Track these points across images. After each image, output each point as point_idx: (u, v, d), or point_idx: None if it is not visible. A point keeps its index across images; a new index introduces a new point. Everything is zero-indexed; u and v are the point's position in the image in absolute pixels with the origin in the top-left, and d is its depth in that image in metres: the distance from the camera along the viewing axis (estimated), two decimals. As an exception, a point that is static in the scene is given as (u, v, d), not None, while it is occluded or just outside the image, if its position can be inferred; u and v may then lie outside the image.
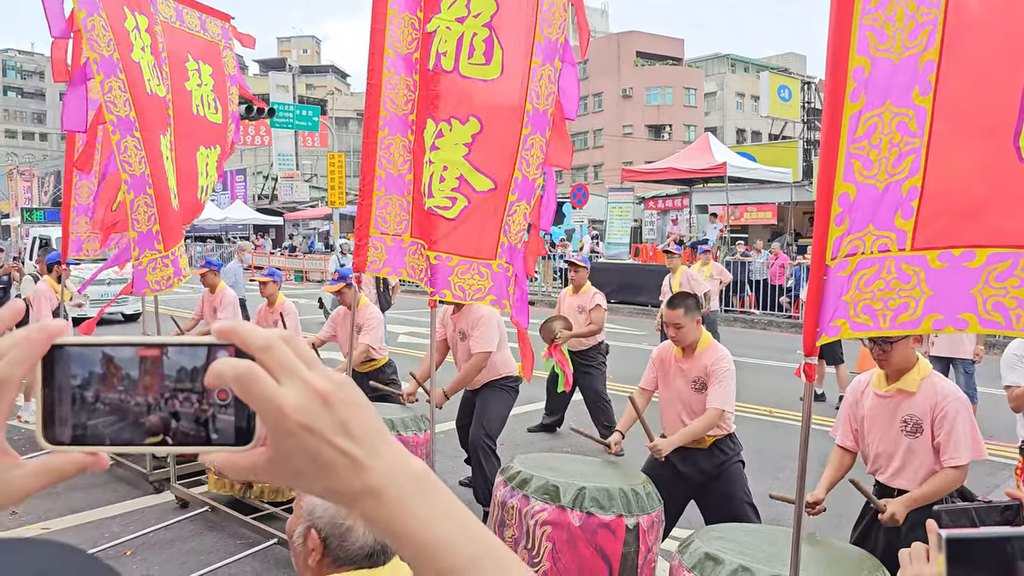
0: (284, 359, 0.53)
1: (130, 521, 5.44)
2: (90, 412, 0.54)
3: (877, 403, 3.55)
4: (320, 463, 0.54)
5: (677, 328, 4.35)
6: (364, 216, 4.25)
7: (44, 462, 0.55)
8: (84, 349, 0.54)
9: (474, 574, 0.56)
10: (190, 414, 0.55)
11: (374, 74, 4.09)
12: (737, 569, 2.84)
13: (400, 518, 0.55)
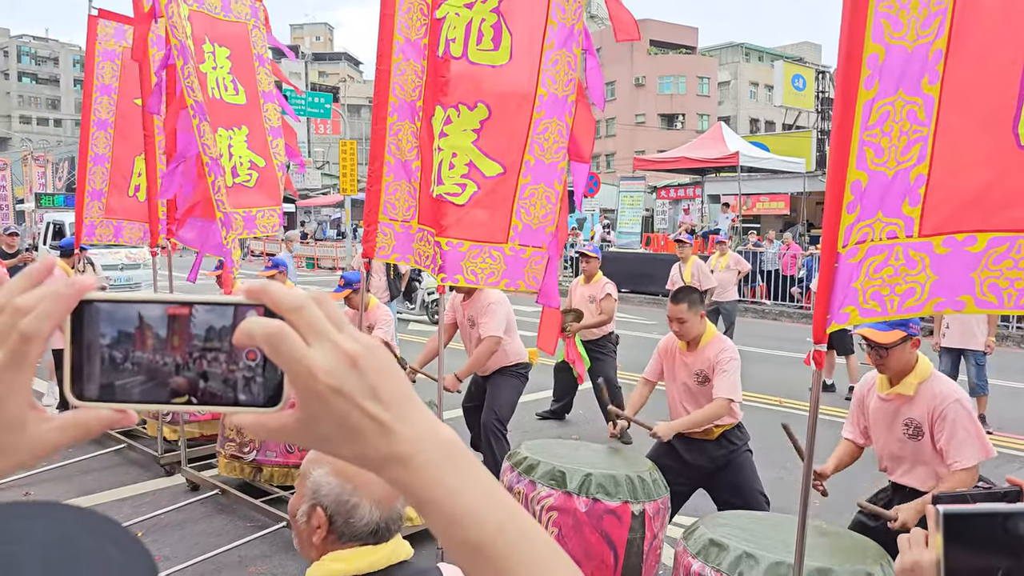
0: (314, 321, 0.52)
1: (142, 503, 5.50)
2: (117, 369, 0.54)
3: (880, 405, 3.58)
4: (348, 427, 0.53)
5: (680, 323, 4.36)
6: (373, 202, 4.27)
7: (72, 416, 0.55)
8: (113, 306, 0.54)
9: (501, 545, 0.55)
10: (217, 374, 0.54)
11: (383, 60, 4.09)
12: (741, 555, 2.85)
13: (428, 485, 0.55)
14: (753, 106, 55.06)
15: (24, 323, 0.51)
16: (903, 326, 3.40)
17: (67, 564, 0.43)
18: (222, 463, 5.60)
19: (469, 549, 0.55)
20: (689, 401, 4.42)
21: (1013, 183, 2.41)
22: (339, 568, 1.52)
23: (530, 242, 4.12)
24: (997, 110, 2.39)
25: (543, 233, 4.10)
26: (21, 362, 0.52)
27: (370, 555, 1.54)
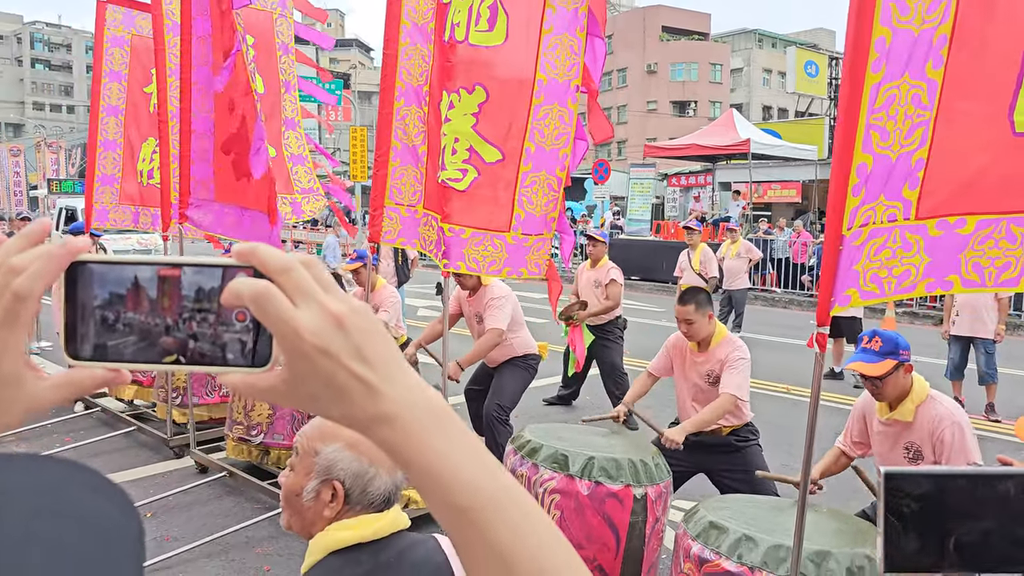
0: (302, 282, 0.53)
1: (151, 485, 5.56)
2: (110, 330, 0.55)
3: (881, 429, 3.61)
4: (335, 387, 0.54)
5: (688, 324, 4.34)
6: (379, 186, 4.28)
7: (66, 375, 0.56)
8: (106, 267, 0.55)
9: (484, 506, 0.56)
10: (207, 335, 0.55)
11: (390, 44, 4.09)
12: (741, 538, 2.87)
13: (414, 446, 0.55)
14: (766, 93, 54.68)
15: (17, 282, 0.52)
16: (893, 355, 3.43)
17: (53, 512, 0.43)
18: (230, 446, 5.65)
19: (453, 510, 0.56)
20: (699, 401, 4.41)
21: (1006, 168, 2.46)
22: (346, 536, 1.56)
23: (532, 231, 4.11)
24: (995, 96, 2.43)
25: (545, 221, 4.10)
26: (14, 320, 0.53)
27: (375, 523, 1.57)
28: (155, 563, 4.33)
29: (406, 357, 3.74)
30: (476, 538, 0.56)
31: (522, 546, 0.56)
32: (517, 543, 0.56)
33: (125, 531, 0.45)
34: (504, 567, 0.56)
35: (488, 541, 0.56)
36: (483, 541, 0.56)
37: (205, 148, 5.00)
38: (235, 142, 4.70)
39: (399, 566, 1.54)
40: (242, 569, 4.36)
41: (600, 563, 3.62)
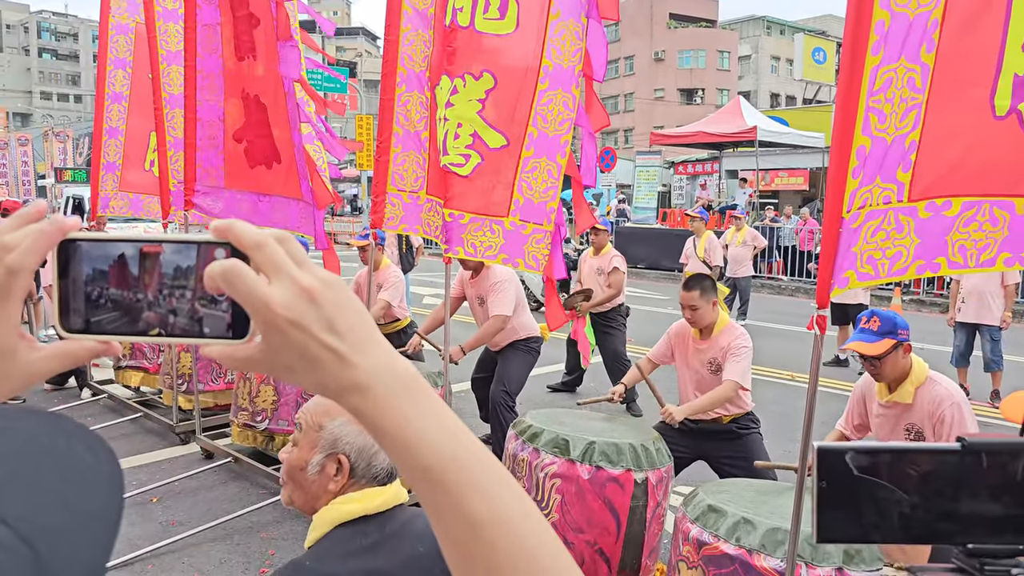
0: (275, 257, 0.56)
1: (157, 470, 5.61)
2: (98, 304, 0.58)
3: (881, 412, 3.60)
4: (308, 358, 0.56)
5: (693, 310, 4.33)
6: (381, 173, 4.29)
7: (59, 346, 0.59)
8: (93, 245, 0.58)
9: (454, 471, 0.58)
10: (188, 309, 0.58)
11: (391, 30, 4.09)
12: (739, 521, 2.88)
13: (385, 414, 0.57)
14: (774, 80, 54.37)
15: (10, 258, 0.55)
16: (892, 334, 3.42)
17: (36, 457, 0.46)
18: (235, 432, 5.69)
19: (424, 476, 0.58)
20: (701, 389, 4.41)
21: (987, 151, 2.51)
22: (353, 508, 1.58)
23: (531, 218, 4.11)
24: (979, 80, 2.48)
25: (544, 209, 4.09)
26: (8, 294, 0.56)
27: (379, 495, 1.60)
28: (161, 547, 4.38)
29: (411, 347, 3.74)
30: (443, 499, 0.58)
31: (487, 506, 0.58)
32: (482, 503, 0.58)
33: (96, 469, 0.48)
34: (469, 526, 0.58)
35: (454, 502, 0.58)
36: (449, 502, 0.58)
37: (213, 135, 5.01)
38: (249, 129, 4.76)
39: (403, 537, 1.57)
40: (247, 553, 4.40)
41: (601, 547, 3.64)
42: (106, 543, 0.47)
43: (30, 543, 0.41)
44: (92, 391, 7.44)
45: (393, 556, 1.52)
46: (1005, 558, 0.87)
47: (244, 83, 4.77)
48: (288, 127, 4.69)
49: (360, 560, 1.51)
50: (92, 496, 0.47)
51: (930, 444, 0.90)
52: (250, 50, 4.72)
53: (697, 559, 2.96)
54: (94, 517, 0.47)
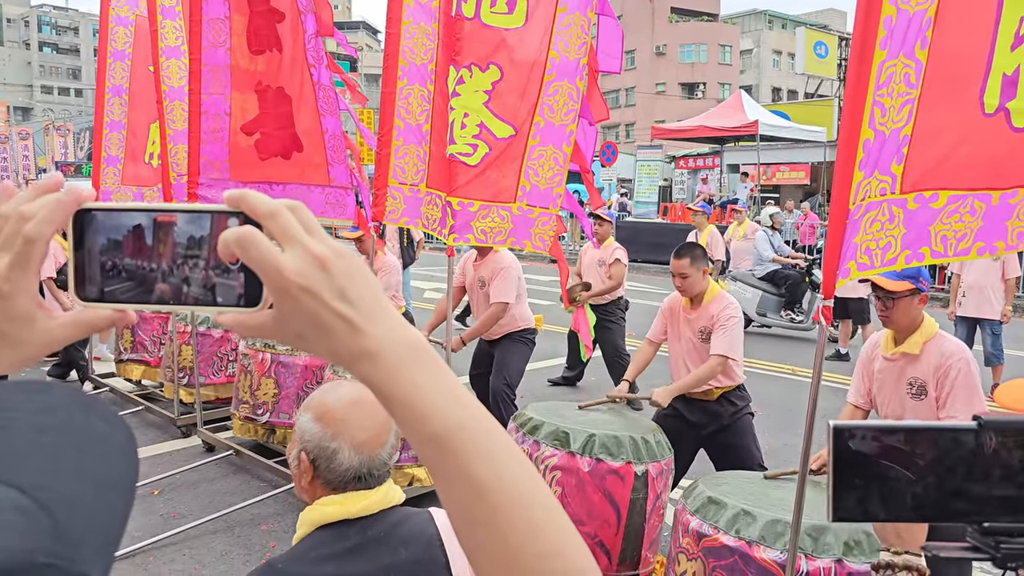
0: (288, 225, 0.56)
1: (158, 463, 5.62)
2: (113, 272, 0.59)
3: (885, 366, 3.51)
4: (320, 325, 0.57)
5: (683, 278, 4.35)
6: (383, 166, 4.28)
7: (76, 314, 0.60)
8: (109, 214, 0.59)
9: (462, 439, 0.59)
10: (201, 277, 0.59)
11: (392, 23, 4.09)
12: (739, 513, 2.89)
13: (395, 382, 0.58)
14: (776, 75, 54.26)
15: (28, 228, 0.57)
16: (913, 279, 3.34)
17: (55, 428, 0.48)
18: (236, 425, 5.71)
19: (432, 443, 0.59)
20: (693, 358, 4.40)
21: (974, 147, 2.62)
22: (333, 511, 1.57)
23: (537, 203, 4.18)
24: (969, 77, 2.57)
25: (551, 194, 4.16)
26: (26, 263, 0.57)
27: (363, 499, 1.58)
28: (162, 539, 4.39)
29: None
30: (450, 465, 0.59)
31: (493, 473, 0.59)
32: (488, 470, 0.59)
33: (111, 441, 0.50)
34: (475, 492, 0.59)
35: (460, 467, 0.59)
36: (456, 467, 0.59)
37: (217, 128, 5.02)
38: (265, 121, 4.85)
39: (388, 540, 1.55)
40: (248, 545, 4.42)
41: (601, 539, 3.65)
42: (122, 512, 0.48)
43: (48, 510, 0.43)
44: (94, 384, 7.46)
45: (373, 560, 1.51)
46: (1021, 536, 0.87)
47: (261, 76, 4.81)
48: (316, 117, 4.80)
49: (335, 564, 1.49)
50: (108, 466, 0.49)
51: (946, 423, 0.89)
52: (273, 44, 4.77)
53: (697, 551, 2.97)
54: (110, 486, 0.48)
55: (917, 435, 0.87)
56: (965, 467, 0.86)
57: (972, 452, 0.86)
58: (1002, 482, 0.86)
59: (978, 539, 0.88)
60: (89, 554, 0.43)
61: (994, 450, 0.86)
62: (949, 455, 0.86)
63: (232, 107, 4.95)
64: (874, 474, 0.87)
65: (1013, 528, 0.87)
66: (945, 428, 0.88)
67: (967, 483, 0.86)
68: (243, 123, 4.93)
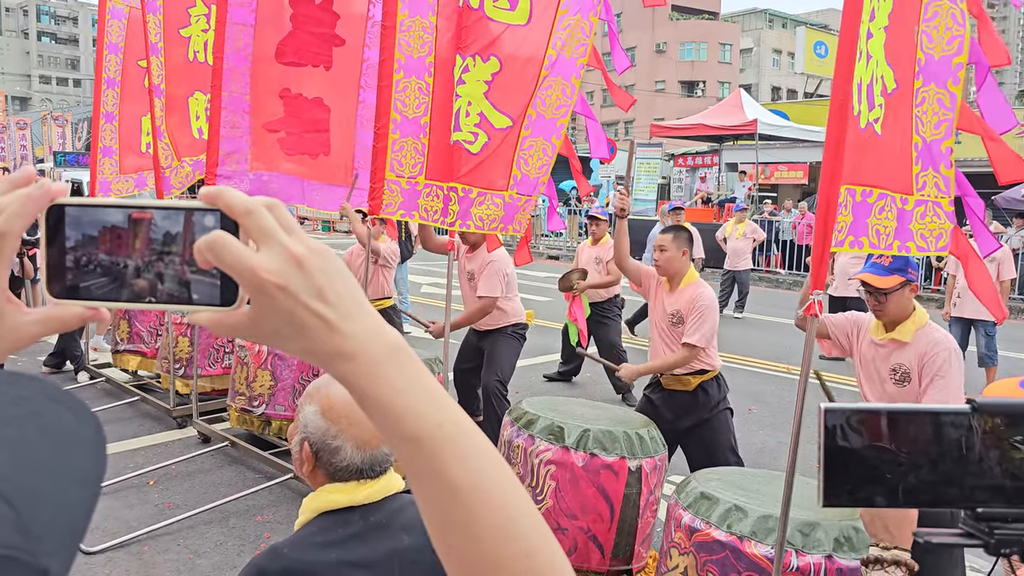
0: (264, 223, 0.56)
1: (154, 454, 5.63)
2: (87, 269, 0.57)
3: (871, 350, 3.53)
4: (295, 324, 0.56)
5: (662, 251, 4.35)
6: (379, 159, 4.29)
7: (49, 311, 0.58)
8: (82, 210, 0.57)
9: (439, 440, 0.59)
10: (176, 275, 0.57)
11: (388, 16, 4.09)
12: (731, 508, 2.90)
13: (372, 381, 0.58)
14: (775, 74, 54.25)
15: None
16: (902, 271, 3.38)
17: (20, 420, 0.47)
18: (232, 416, 5.72)
19: (408, 443, 0.59)
20: (663, 337, 4.43)
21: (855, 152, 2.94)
22: (338, 499, 1.59)
23: (525, 191, 4.32)
24: None
25: (536, 183, 4.29)
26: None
27: (367, 487, 1.60)
28: (157, 529, 4.40)
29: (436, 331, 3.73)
30: (425, 466, 0.59)
31: (469, 474, 0.59)
32: (464, 471, 0.59)
33: (79, 435, 0.49)
34: (451, 493, 0.59)
35: (436, 469, 0.59)
36: (432, 468, 0.59)
37: (236, 124, 5.14)
38: (292, 123, 5.13)
39: (389, 527, 1.57)
40: (242, 536, 4.43)
41: (594, 533, 3.67)
42: (87, 507, 0.47)
43: (11, 503, 0.42)
44: (90, 375, 7.46)
45: (376, 547, 1.53)
46: (1015, 522, 0.86)
47: (290, 83, 5.09)
48: (353, 130, 5.24)
49: (339, 550, 1.51)
50: (75, 460, 0.47)
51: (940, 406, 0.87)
52: (321, 61, 5.09)
53: (688, 545, 2.99)
54: (76, 481, 0.47)
55: (910, 418, 0.86)
56: (958, 451, 0.85)
57: (966, 436, 0.85)
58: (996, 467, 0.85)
59: (972, 525, 0.87)
60: (51, 548, 0.43)
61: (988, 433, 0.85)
62: (942, 439, 0.85)
63: (252, 105, 5.11)
64: (865, 458, 0.85)
65: (1007, 513, 0.86)
66: (938, 411, 0.86)
67: (960, 468, 0.85)
68: (266, 121, 5.12)
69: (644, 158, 24.92)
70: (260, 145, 5.12)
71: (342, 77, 5.10)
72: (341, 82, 5.12)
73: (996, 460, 0.85)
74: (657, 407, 4.30)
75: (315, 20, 4.97)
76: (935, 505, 0.87)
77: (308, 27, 5.00)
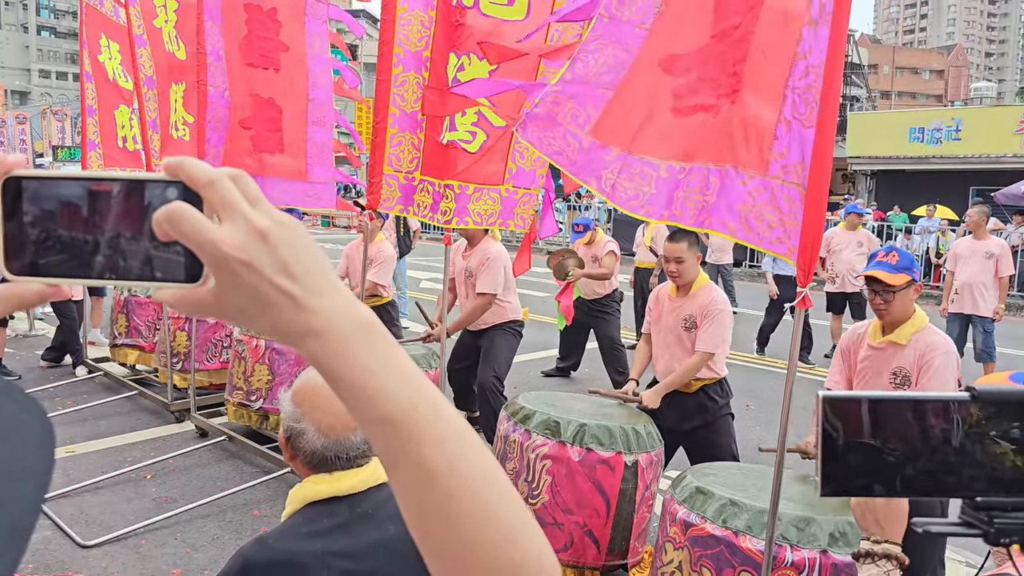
0: (227, 195, 0.53)
1: (151, 448, 5.63)
2: (46, 245, 0.55)
3: (870, 354, 3.53)
4: (261, 301, 0.54)
5: (679, 263, 4.23)
6: (378, 154, 4.29)
7: (6, 288, 0.56)
8: (41, 183, 0.55)
9: (413, 421, 0.57)
10: (138, 250, 0.55)
11: (387, 9, 4.09)
12: (726, 503, 2.91)
13: (342, 360, 0.56)
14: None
15: None
16: (908, 271, 3.39)
17: None
18: (230, 410, 5.72)
19: (381, 426, 0.57)
20: (674, 343, 4.32)
21: None
22: (322, 489, 1.60)
23: (522, 184, 4.30)
24: None
25: (534, 175, 4.27)
26: None
27: (351, 477, 1.61)
28: (154, 523, 4.41)
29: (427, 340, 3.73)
30: (400, 449, 0.57)
31: (446, 457, 0.57)
32: (441, 454, 0.57)
33: (26, 429, 0.47)
34: (427, 477, 0.57)
35: (410, 451, 0.57)
36: (406, 451, 0.57)
37: (217, 119, 5.14)
38: (257, 122, 5.23)
39: (375, 517, 1.58)
40: (239, 530, 4.44)
41: (590, 528, 3.68)
42: (34, 502, 0.45)
43: None
44: (88, 369, 7.46)
45: (361, 537, 1.53)
46: (1015, 511, 0.85)
47: (253, 86, 5.24)
48: (304, 128, 5.42)
49: (324, 540, 1.52)
50: (22, 454, 0.46)
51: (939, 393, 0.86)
52: (271, 64, 5.28)
53: (684, 540, 2.99)
54: (23, 475, 0.45)
55: (908, 406, 0.85)
56: (958, 440, 0.84)
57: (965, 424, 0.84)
58: (994, 455, 0.84)
59: (971, 514, 0.86)
60: None
61: (987, 422, 0.84)
62: (941, 427, 0.84)
63: (232, 101, 5.18)
64: (864, 447, 0.84)
65: (1007, 503, 0.85)
66: (937, 399, 0.85)
67: (959, 457, 0.84)
68: (241, 118, 5.22)
69: (644, 154, 24.82)
70: (233, 141, 5.22)
71: (289, 78, 5.37)
72: (289, 83, 5.38)
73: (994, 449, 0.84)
74: (658, 409, 4.25)
75: (264, 26, 5.21)
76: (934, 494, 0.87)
77: (259, 31, 5.22)
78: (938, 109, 32.73)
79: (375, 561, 1.51)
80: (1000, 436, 0.85)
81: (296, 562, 1.48)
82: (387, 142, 4.25)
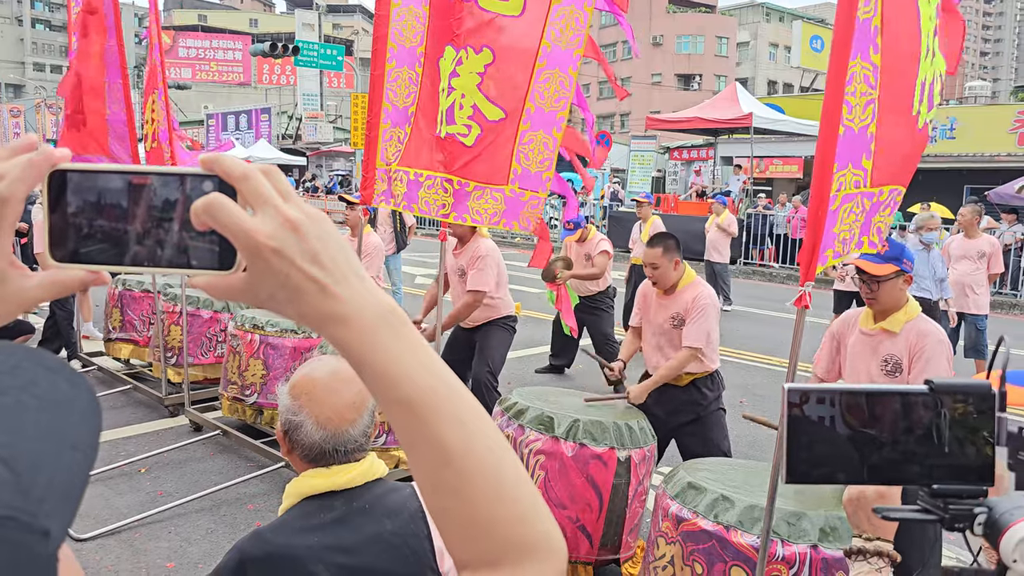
0: (260, 189, 0.57)
1: (145, 442, 5.63)
2: (88, 234, 0.59)
3: (861, 340, 3.55)
4: (290, 287, 0.58)
5: (653, 268, 4.30)
6: (371, 149, 4.29)
7: (51, 274, 0.60)
8: (84, 176, 0.59)
9: (432, 404, 0.60)
10: (175, 240, 0.59)
11: (382, 4, 4.09)
12: (718, 498, 2.93)
13: (365, 345, 0.59)
14: (772, 68, 54.23)
15: (0, 187, 0.57)
16: (896, 260, 3.40)
17: (17, 388, 0.48)
18: (225, 405, 5.72)
19: (401, 407, 0.60)
20: (664, 343, 4.37)
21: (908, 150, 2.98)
22: (318, 483, 1.60)
23: (528, 186, 4.23)
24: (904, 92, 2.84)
25: (540, 178, 4.21)
26: None
27: (347, 472, 1.61)
28: (148, 516, 4.41)
29: None
30: (418, 429, 0.61)
31: (462, 439, 0.61)
32: (457, 436, 0.61)
33: (75, 403, 0.51)
34: (444, 457, 0.60)
35: (428, 432, 0.60)
36: (425, 433, 0.60)
37: None
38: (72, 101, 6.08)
39: (372, 511, 1.58)
40: (233, 524, 4.44)
41: (583, 523, 3.69)
42: (84, 471, 0.49)
43: (10, 466, 0.43)
44: (82, 362, 7.45)
45: (358, 532, 1.54)
46: (968, 498, 0.89)
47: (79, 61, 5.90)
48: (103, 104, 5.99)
49: (321, 535, 1.53)
50: (71, 427, 0.49)
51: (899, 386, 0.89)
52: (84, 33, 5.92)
53: (675, 535, 3.01)
54: (73, 446, 0.48)
55: (870, 398, 0.88)
56: (917, 430, 0.88)
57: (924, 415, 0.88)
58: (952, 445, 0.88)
59: (928, 501, 0.90)
60: (51, 510, 0.44)
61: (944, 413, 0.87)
62: (902, 418, 0.88)
63: None
64: (828, 437, 0.88)
65: (961, 490, 0.88)
66: (898, 391, 0.89)
67: (919, 446, 0.88)
68: None
69: (639, 151, 24.90)
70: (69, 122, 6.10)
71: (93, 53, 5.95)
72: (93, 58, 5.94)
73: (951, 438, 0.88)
74: (650, 403, 4.27)
75: None
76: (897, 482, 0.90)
77: None
78: (933, 108, 32.76)
79: (371, 556, 1.52)
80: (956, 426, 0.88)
81: (292, 556, 1.49)
82: (380, 137, 4.26)
